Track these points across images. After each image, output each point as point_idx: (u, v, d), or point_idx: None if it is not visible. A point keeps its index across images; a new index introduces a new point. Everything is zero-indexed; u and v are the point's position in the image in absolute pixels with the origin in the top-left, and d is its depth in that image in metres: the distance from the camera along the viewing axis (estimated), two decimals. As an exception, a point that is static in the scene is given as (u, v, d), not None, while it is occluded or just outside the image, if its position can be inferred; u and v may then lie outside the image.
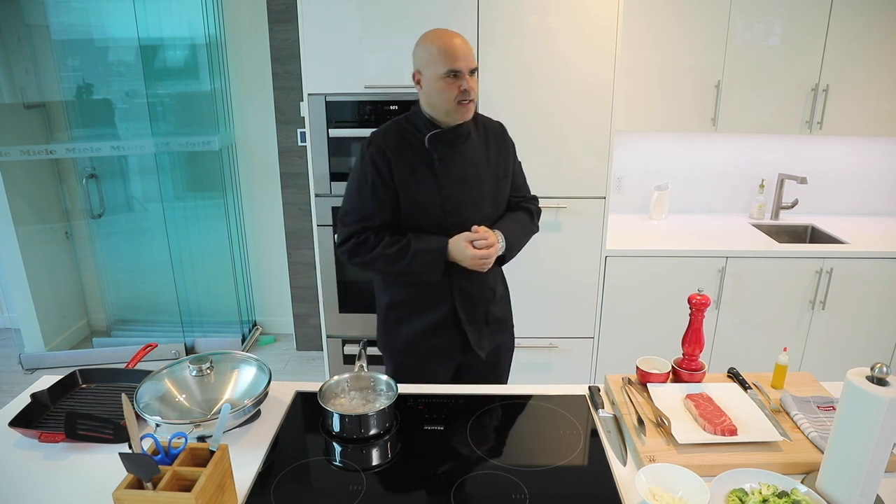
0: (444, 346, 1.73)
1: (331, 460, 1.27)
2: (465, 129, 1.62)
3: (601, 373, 2.86)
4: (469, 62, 1.53)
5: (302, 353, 3.60)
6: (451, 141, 1.61)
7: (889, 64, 2.69)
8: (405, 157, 1.59)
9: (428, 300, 1.69)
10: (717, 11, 2.63)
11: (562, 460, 1.27)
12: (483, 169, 1.65)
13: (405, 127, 1.63)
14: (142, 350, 1.59)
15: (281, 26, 3.09)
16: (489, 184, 1.66)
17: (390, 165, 1.58)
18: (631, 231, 2.92)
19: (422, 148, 1.60)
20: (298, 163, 3.28)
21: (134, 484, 1.01)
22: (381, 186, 1.59)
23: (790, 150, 3.14)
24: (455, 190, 1.61)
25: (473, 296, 1.70)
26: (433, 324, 1.70)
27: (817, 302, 2.72)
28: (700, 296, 1.43)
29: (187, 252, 3.52)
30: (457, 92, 1.53)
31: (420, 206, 1.60)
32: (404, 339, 1.74)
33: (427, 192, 1.60)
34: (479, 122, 1.71)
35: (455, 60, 1.51)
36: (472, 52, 1.55)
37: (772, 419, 1.31)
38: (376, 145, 1.59)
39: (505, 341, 1.87)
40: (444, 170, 1.60)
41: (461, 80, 1.52)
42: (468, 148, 1.64)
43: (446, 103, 1.55)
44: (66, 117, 3.30)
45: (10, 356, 3.50)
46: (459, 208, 1.61)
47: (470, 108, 1.57)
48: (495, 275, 1.77)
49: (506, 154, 1.72)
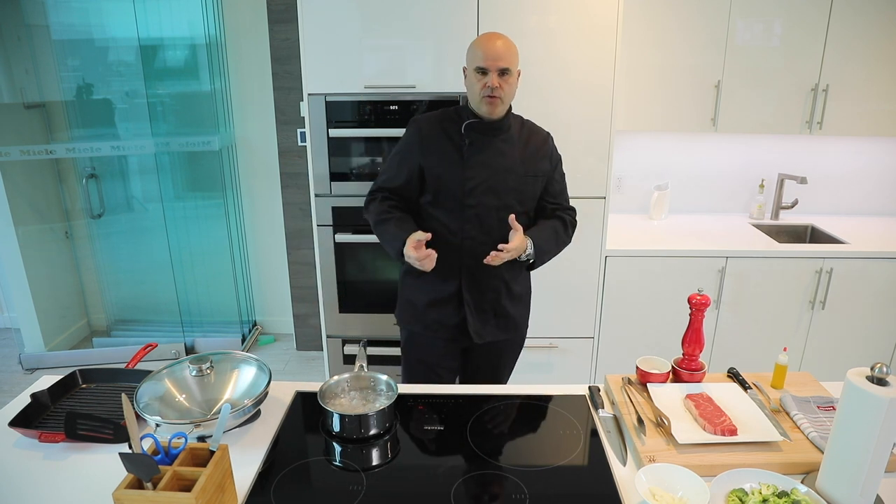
0: (445, 322, 1.81)
1: (331, 460, 1.27)
2: (504, 124, 1.73)
3: (601, 373, 2.86)
4: (498, 62, 1.63)
5: (302, 353, 3.60)
6: (486, 131, 1.72)
7: (889, 64, 2.69)
8: (438, 137, 1.74)
9: (439, 272, 1.75)
10: (717, 11, 2.63)
11: (562, 460, 1.27)
12: (512, 162, 1.73)
13: (450, 115, 1.78)
14: (142, 350, 1.59)
15: (281, 26, 3.09)
16: (515, 176, 1.73)
17: (422, 142, 1.74)
18: (631, 231, 2.92)
19: (458, 133, 1.73)
20: (298, 163, 3.28)
21: (134, 484, 1.01)
22: (407, 158, 1.76)
23: (790, 150, 3.14)
24: (477, 172, 1.71)
25: (481, 281, 1.77)
26: (439, 297, 1.80)
27: (817, 302, 2.72)
28: (700, 296, 1.43)
29: (187, 252, 3.52)
30: (481, 87, 1.65)
31: (442, 184, 1.73)
32: (411, 305, 1.86)
33: (450, 170, 1.72)
34: (527, 126, 1.81)
35: (485, 59, 1.63)
36: (509, 55, 1.64)
37: (772, 419, 1.31)
38: (416, 123, 1.78)
39: (512, 340, 1.93)
40: (472, 154, 1.71)
41: (487, 77, 1.63)
42: (502, 141, 1.74)
43: (473, 96, 1.70)
44: (66, 117, 3.30)
45: (10, 356, 3.50)
46: (478, 191, 1.71)
47: (495, 104, 1.66)
48: (511, 269, 1.81)
49: (542, 157, 1.79)
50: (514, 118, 1.79)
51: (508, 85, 1.67)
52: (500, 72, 1.64)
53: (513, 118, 1.78)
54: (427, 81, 2.44)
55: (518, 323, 1.91)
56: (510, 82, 1.67)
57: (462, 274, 1.77)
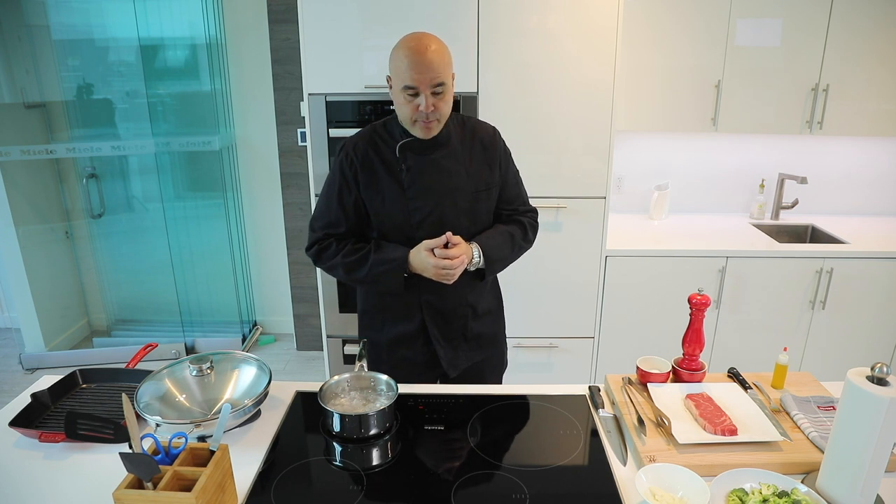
0: (413, 359, 1.65)
1: (331, 460, 1.27)
2: (442, 137, 1.51)
3: (601, 373, 2.86)
4: (432, 78, 1.38)
5: (302, 353, 3.60)
6: (423, 149, 1.51)
7: (889, 64, 2.69)
8: (372, 166, 1.52)
9: (397, 311, 1.62)
10: (717, 11, 2.63)
11: (562, 460, 1.27)
12: (459, 180, 1.54)
13: (380, 133, 1.55)
14: (142, 350, 1.59)
15: (281, 26, 3.09)
16: (465, 196, 1.55)
17: (357, 174, 1.52)
18: (631, 231, 2.92)
19: (393, 156, 1.52)
20: (298, 163, 3.28)
21: (134, 484, 1.01)
22: (346, 194, 1.54)
23: (790, 150, 3.14)
24: (423, 202, 1.52)
25: (445, 312, 1.62)
26: (403, 336, 1.64)
27: (817, 302, 2.72)
28: (700, 296, 1.43)
29: (187, 252, 3.52)
30: (413, 111, 1.42)
31: (387, 218, 1.54)
32: (375, 346, 1.68)
33: (393, 204, 1.52)
34: (468, 127, 1.59)
35: (414, 76, 1.37)
36: (441, 65, 1.39)
37: (772, 419, 1.31)
38: (346, 152, 1.54)
39: (491, 358, 1.75)
40: (412, 180, 1.51)
41: (419, 98, 1.40)
42: (443, 157, 1.53)
43: (403, 117, 1.47)
44: (66, 117, 3.30)
45: (11, 356, 3.51)
46: (427, 222, 1.52)
47: (431, 126, 1.45)
48: (475, 290, 1.65)
49: (491, 163, 1.59)
50: (453, 122, 1.56)
51: (445, 102, 1.43)
52: (434, 91, 1.39)
53: (452, 122, 1.55)
54: (427, 81, 2.44)
55: (493, 339, 1.75)
56: (446, 99, 1.43)
57: (423, 310, 1.60)
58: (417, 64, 1.37)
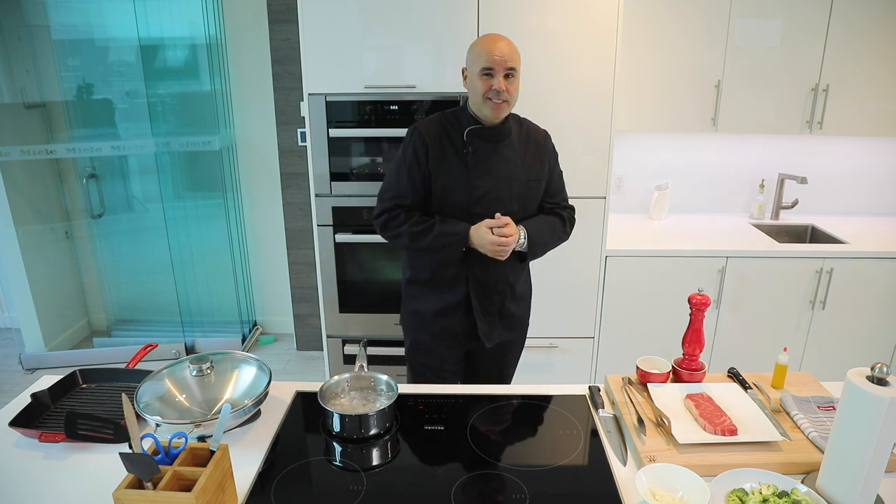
0: (453, 329, 1.82)
1: (331, 460, 1.27)
2: (506, 128, 1.71)
3: (601, 373, 2.86)
4: (505, 63, 1.59)
5: (302, 353, 3.60)
6: (489, 137, 1.69)
7: (889, 64, 2.69)
8: (441, 146, 1.70)
9: (445, 282, 1.78)
10: (717, 11, 2.63)
11: (562, 460, 1.27)
12: (515, 168, 1.72)
13: (449, 119, 1.74)
14: (142, 350, 1.59)
15: (281, 26, 3.09)
16: (519, 183, 1.72)
17: (427, 151, 1.69)
18: (631, 231, 2.92)
19: (460, 140, 1.70)
20: (298, 163, 3.28)
21: (134, 484, 1.01)
22: (416, 170, 1.71)
23: (790, 150, 3.14)
24: (483, 182, 1.69)
25: (488, 287, 1.78)
26: (447, 306, 1.80)
27: (817, 302, 2.72)
28: (700, 296, 1.43)
29: (187, 252, 3.52)
30: (486, 89, 1.61)
31: (448, 193, 1.70)
32: (418, 315, 1.85)
33: (456, 181, 1.69)
34: (525, 126, 1.79)
35: (490, 60, 1.59)
36: (514, 55, 1.62)
37: (772, 419, 1.31)
38: (418, 132, 1.72)
39: (516, 338, 1.95)
40: (476, 162, 1.69)
41: (493, 78, 1.60)
42: (505, 146, 1.71)
43: (476, 98, 1.66)
44: (66, 117, 3.30)
45: (11, 356, 3.51)
46: (485, 200, 1.69)
47: (501, 107, 1.64)
48: (515, 271, 1.82)
49: (543, 159, 1.78)
50: (512, 119, 1.77)
51: (514, 87, 1.65)
52: (507, 73, 1.61)
53: (512, 120, 1.76)
54: (427, 81, 2.44)
55: (522, 322, 1.94)
56: (516, 84, 1.65)
57: (469, 282, 1.77)
58: (493, 50, 1.60)
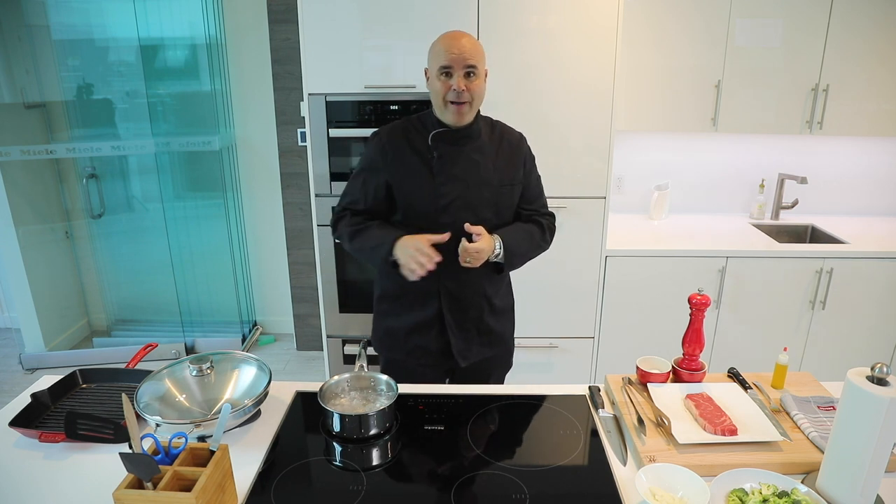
0: (428, 347, 1.69)
1: (331, 460, 1.27)
2: (473, 131, 1.60)
3: (601, 373, 2.86)
4: (465, 60, 1.49)
5: (302, 353, 3.60)
6: (455, 140, 1.59)
7: (889, 64, 2.69)
8: (403, 152, 1.60)
9: (416, 297, 1.67)
10: (717, 11, 2.63)
11: (562, 460, 1.27)
12: (486, 172, 1.61)
13: (414, 124, 1.64)
14: (142, 350, 1.59)
15: (281, 26, 3.09)
16: (490, 188, 1.62)
17: (386, 159, 1.60)
18: (631, 231, 2.92)
19: (424, 145, 1.60)
20: (298, 163, 3.28)
21: (134, 484, 1.01)
22: (371, 177, 1.63)
23: (790, 150, 3.14)
24: (450, 188, 1.58)
25: (463, 300, 1.66)
26: (419, 322, 1.68)
27: (817, 302, 2.72)
28: (700, 296, 1.43)
29: (187, 252, 3.52)
30: (445, 90, 1.51)
31: (413, 201, 1.61)
32: (390, 333, 1.73)
33: (421, 188, 1.59)
34: (497, 129, 1.68)
35: (448, 57, 1.49)
36: (475, 52, 1.51)
37: (772, 419, 1.31)
38: (378, 138, 1.64)
39: (498, 356, 1.80)
40: (442, 167, 1.59)
41: (452, 78, 1.50)
42: (473, 150, 1.61)
43: (437, 102, 1.55)
44: (66, 117, 3.30)
45: (11, 356, 3.51)
46: (452, 207, 1.58)
47: (462, 110, 1.53)
48: (492, 283, 1.70)
49: (517, 162, 1.67)
50: (483, 122, 1.66)
51: (476, 87, 1.52)
52: (467, 72, 1.50)
53: (482, 122, 1.65)
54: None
55: (503, 337, 1.79)
56: (478, 84, 1.53)
57: (441, 296, 1.65)
58: (451, 47, 1.50)
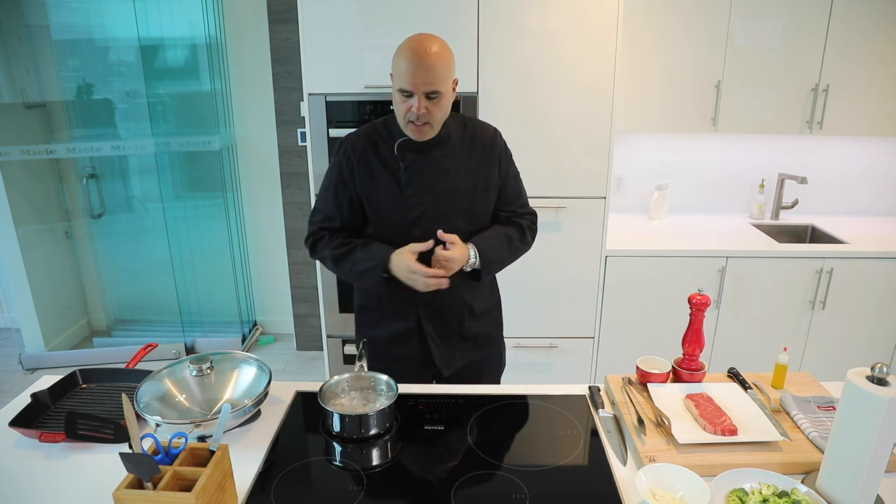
0: (409, 355, 1.65)
1: (331, 460, 1.27)
2: (441, 136, 1.52)
3: (601, 373, 2.86)
4: (427, 85, 1.38)
5: (302, 353, 3.60)
6: (422, 148, 1.51)
7: (889, 64, 2.69)
8: (369, 164, 1.53)
9: (394, 308, 1.62)
10: (717, 11, 2.63)
11: (562, 460, 1.27)
12: (457, 179, 1.54)
13: (380, 131, 1.55)
14: (142, 350, 1.59)
15: (281, 26, 3.09)
16: (463, 196, 1.54)
17: (354, 171, 1.54)
18: (631, 231, 2.92)
19: (391, 154, 1.52)
20: (298, 163, 3.28)
21: (134, 484, 1.01)
22: (342, 190, 1.56)
23: (790, 150, 3.14)
24: (420, 200, 1.52)
25: (442, 311, 1.62)
26: (399, 333, 1.64)
27: (817, 302, 2.72)
28: (700, 296, 1.43)
29: (187, 252, 3.52)
30: (405, 110, 1.43)
31: (382, 214, 1.55)
32: (371, 342, 1.67)
33: (389, 200, 1.53)
34: (469, 128, 1.59)
35: (409, 79, 1.38)
36: (439, 72, 1.38)
37: (772, 419, 1.31)
38: (343, 148, 1.56)
39: (488, 358, 1.76)
40: (409, 178, 1.51)
41: (412, 100, 1.40)
42: (442, 156, 1.53)
43: (398, 116, 1.48)
44: (66, 117, 3.30)
45: (11, 356, 3.51)
46: (424, 219, 1.52)
47: (423, 130, 1.46)
48: (472, 290, 1.64)
49: (490, 163, 1.58)
50: (454, 121, 1.56)
51: (439, 108, 1.43)
52: (428, 95, 1.39)
53: (453, 121, 1.56)
54: (427, 81, 2.44)
55: (490, 338, 1.74)
56: (441, 104, 1.43)
57: (419, 307, 1.60)
58: (415, 67, 1.37)
